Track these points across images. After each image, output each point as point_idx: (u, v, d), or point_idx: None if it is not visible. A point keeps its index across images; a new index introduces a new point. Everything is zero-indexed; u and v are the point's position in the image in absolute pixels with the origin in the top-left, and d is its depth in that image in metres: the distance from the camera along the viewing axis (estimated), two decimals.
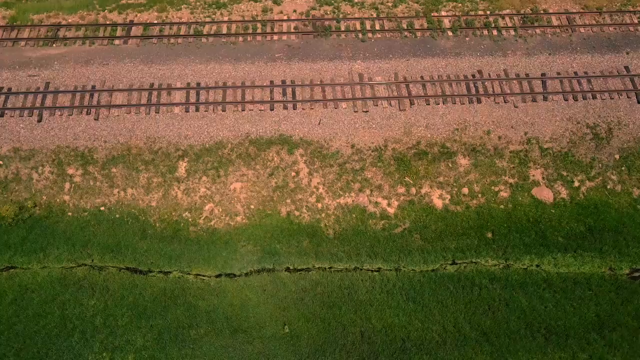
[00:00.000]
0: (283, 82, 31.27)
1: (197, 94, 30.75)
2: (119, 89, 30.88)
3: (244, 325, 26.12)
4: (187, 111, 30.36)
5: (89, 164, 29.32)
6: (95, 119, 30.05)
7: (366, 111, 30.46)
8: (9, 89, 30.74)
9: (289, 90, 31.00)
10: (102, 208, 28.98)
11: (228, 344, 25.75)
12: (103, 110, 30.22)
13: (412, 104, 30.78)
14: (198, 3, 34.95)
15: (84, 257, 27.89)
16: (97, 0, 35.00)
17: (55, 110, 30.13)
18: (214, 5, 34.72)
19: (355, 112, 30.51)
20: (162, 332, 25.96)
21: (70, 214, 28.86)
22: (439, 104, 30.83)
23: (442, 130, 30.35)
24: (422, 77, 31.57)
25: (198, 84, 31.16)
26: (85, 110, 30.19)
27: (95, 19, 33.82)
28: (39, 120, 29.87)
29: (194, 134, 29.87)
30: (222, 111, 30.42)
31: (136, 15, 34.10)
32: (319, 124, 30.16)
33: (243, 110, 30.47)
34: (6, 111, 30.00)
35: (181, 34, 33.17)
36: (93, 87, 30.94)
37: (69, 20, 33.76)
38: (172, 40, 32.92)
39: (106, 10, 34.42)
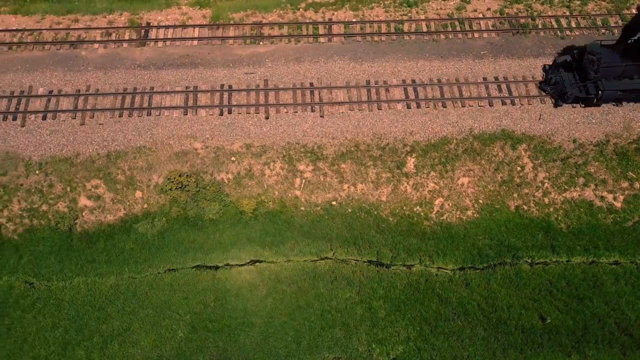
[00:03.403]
0: (496, 78, 31.72)
1: (415, 91, 31.21)
2: (336, 86, 31.34)
3: (502, 317, 26.56)
4: (408, 108, 30.83)
5: (319, 160, 29.76)
6: (320, 116, 30.50)
7: (584, 106, 30.88)
8: (230, 86, 31.22)
9: (503, 87, 31.45)
10: (333, 203, 29.44)
11: (489, 334, 26.21)
12: (326, 107, 30.66)
13: None
14: (388, 2, 35.42)
15: (326, 250, 28.36)
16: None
17: (279, 107, 30.60)
18: (404, 4, 35.17)
19: (573, 107, 30.93)
20: (422, 324, 26.42)
21: (303, 208, 29.33)
22: None
23: None
24: None
25: (413, 80, 31.61)
26: (310, 107, 30.64)
27: (295, 18, 34.30)
28: (267, 118, 30.33)
29: (418, 129, 30.30)
30: (443, 107, 30.88)
31: (333, 14, 34.58)
32: (540, 119, 30.58)
33: (463, 106, 30.93)
34: (233, 108, 30.48)
35: (382, 31, 33.62)
36: (311, 84, 31.41)
37: (269, 19, 34.24)
38: (375, 38, 33.38)
39: (301, 9, 34.90)
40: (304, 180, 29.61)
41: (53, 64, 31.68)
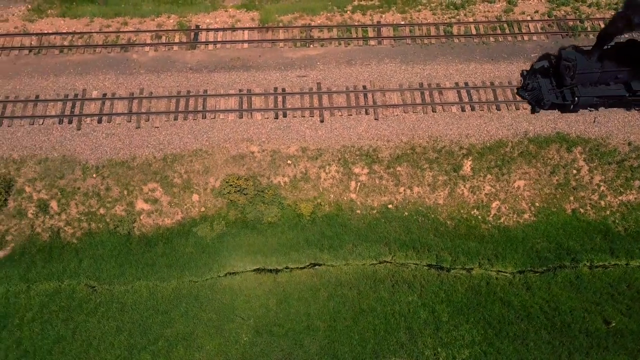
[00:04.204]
0: None
1: (469, 93, 31.17)
2: (389, 89, 31.31)
3: (565, 320, 26.51)
4: (463, 110, 30.78)
5: (375, 162, 29.71)
6: (375, 119, 30.47)
7: (639, 109, 30.83)
8: (283, 89, 31.17)
9: None
10: (389, 206, 29.40)
11: (554, 338, 26.16)
12: (381, 109, 30.64)
13: None
14: (434, 4, 35.36)
15: (385, 254, 28.32)
16: (331, 2, 35.45)
17: (334, 110, 30.56)
18: (451, 6, 35.13)
19: (627, 111, 30.87)
20: (486, 328, 26.36)
21: (359, 211, 29.28)
22: None
23: None
24: None
25: (466, 83, 31.58)
26: (364, 110, 30.61)
27: (343, 20, 34.26)
28: (322, 121, 30.29)
29: (474, 132, 30.27)
30: (497, 110, 30.85)
31: (381, 17, 34.54)
32: (594, 122, 30.54)
33: (517, 109, 30.89)
34: (287, 112, 30.43)
35: (432, 34, 33.58)
36: (364, 87, 31.37)
37: (318, 22, 34.20)
38: (425, 41, 33.34)
39: (348, 12, 34.85)
40: (359, 183, 29.55)
41: (105, 67, 31.65)
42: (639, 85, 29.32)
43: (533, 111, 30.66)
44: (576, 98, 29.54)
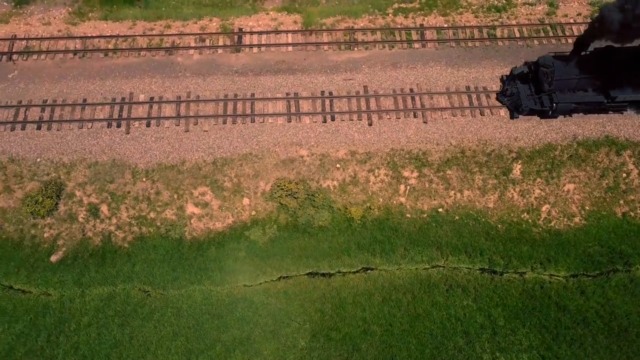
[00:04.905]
0: None
1: None
2: (436, 92, 31.23)
3: (622, 324, 26.44)
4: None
5: (424, 166, 29.63)
6: (424, 122, 30.40)
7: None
8: (330, 92, 31.09)
9: None
10: (439, 210, 29.30)
11: (611, 342, 26.07)
12: (429, 112, 30.57)
13: None
14: (475, 7, 35.29)
15: (437, 258, 28.24)
16: (372, 5, 35.37)
17: (382, 113, 30.49)
18: (493, 9, 35.05)
19: None
20: (543, 332, 26.27)
21: (409, 215, 29.19)
22: None
23: None
24: None
25: None
26: (412, 113, 30.55)
27: (386, 23, 34.17)
28: (370, 124, 30.22)
29: (522, 136, 30.19)
30: None
31: (423, 19, 34.46)
32: None
33: None
34: (336, 115, 30.35)
35: (476, 37, 33.51)
36: (411, 90, 31.30)
37: (361, 25, 34.11)
38: (469, 44, 33.26)
39: (390, 15, 34.77)
40: (408, 187, 29.46)
41: (150, 70, 31.57)
42: (617, 91, 29.22)
43: (512, 117, 30.52)
44: (554, 104, 29.46)
